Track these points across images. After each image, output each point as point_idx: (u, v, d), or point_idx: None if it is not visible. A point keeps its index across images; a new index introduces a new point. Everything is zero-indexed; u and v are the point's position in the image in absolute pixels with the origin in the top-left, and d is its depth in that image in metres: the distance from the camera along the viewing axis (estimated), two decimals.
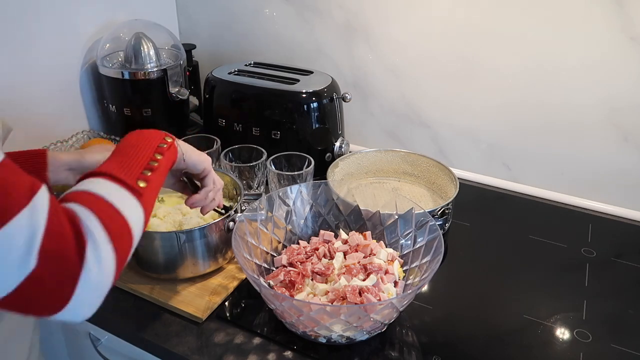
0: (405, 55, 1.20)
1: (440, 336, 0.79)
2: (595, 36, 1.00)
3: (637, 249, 0.99)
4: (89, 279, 0.50)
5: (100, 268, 0.52)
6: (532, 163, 1.16)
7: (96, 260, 0.51)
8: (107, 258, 0.52)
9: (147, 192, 0.60)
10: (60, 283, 0.49)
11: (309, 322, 0.71)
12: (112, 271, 0.54)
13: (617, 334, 0.80)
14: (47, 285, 0.48)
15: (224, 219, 0.84)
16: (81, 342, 0.96)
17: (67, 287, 0.49)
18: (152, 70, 1.17)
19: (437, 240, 0.78)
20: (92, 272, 0.50)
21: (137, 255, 0.85)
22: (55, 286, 0.49)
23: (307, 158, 1.02)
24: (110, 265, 0.53)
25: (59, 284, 0.49)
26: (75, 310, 0.51)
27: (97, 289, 0.52)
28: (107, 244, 0.52)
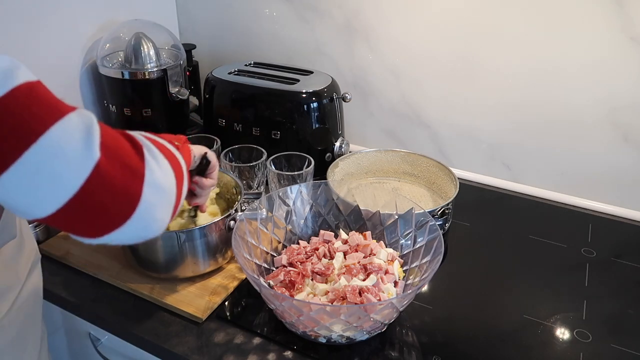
0: (405, 55, 1.20)
1: (440, 336, 0.79)
2: (595, 36, 1.00)
3: (637, 249, 0.99)
4: (153, 175, 0.50)
5: (161, 170, 0.52)
6: (532, 163, 1.16)
7: (156, 163, 0.52)
8: (165, 166, 0.53)
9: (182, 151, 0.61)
10: (127, 178, 0.48)
11: (309, 322, 0.71)
12: (173, 180, 0.54)
13: (617, 334, 0.80)
14: (115, 180, 0.47)
15: (224, 218, 0.84)
16: (81, 342, 0.96)
17: (135, 182, 0.49)
18: (152, 70, 1.17)
19: (437, 240, 0.78)
20: (155, 170, 0.51)
21: (138, 254, 0.86)
22: (123, 182, 0.48)
23: (307, 158, 1.02)
24: (170, 173, 0.53)
25: (127, 178, 0.48)
26: (144, 217, 0.49)
27: (164, 193, 0.52)
28: (162, 157, 0.54)
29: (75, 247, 0.94)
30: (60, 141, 0.45)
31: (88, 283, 0.88)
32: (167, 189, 0.53)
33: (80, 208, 0.47)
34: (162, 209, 0.52)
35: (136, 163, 0.50)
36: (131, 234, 0.50)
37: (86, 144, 0.46)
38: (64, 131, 0.45)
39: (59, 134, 0.45)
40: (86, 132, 0.47)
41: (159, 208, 0.52)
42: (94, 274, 0.89)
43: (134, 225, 0.49)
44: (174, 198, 0.54)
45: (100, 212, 0.48)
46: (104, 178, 0.47)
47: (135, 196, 0.49)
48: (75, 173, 0.45)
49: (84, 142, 0.46)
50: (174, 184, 0.54)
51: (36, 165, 0.44)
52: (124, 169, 0.48)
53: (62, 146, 0.45)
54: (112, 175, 0.47)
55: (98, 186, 0.46)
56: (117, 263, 0.89)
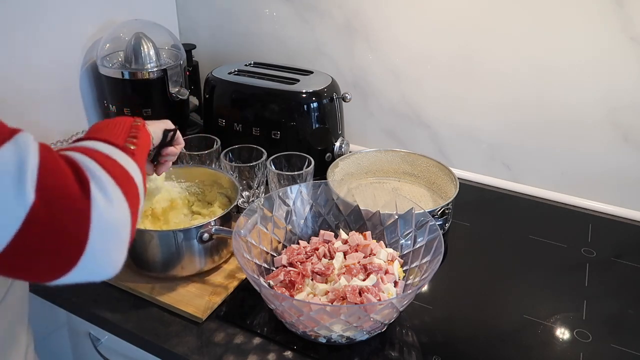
0: (405, 55, 1.20)
1: (440, 336, 0.79)
2: (595, 36, 1.00)
3: (637, 249, 0.99)
4: (101, 216, 0.44)
5: (112, 206, 0.45)
6: (532, 163, 1.16)
7: (105, 197, 0.45)
8: (116, 197, 0.46)
9: (138, 155, 0.56)
10: (68, 225, 0.42)
11: (309, 322, 0.71)
12: (126, 213, 0.47)
13: (617, 334, 0.80)
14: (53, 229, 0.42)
15: (198, 227, 0.83)
16: (81, 342, 0.96)
17: (78, 228, 0.43)
18: (152, 70, 1.17)
19: (437, 240, 0.78)
20: (103, 208, 0.44)
21: (135, 254, 0.85)
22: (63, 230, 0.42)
23: (307, 158, 1.02)
24: (122, 205, 0.47)
25: (67, 226, 0.42)
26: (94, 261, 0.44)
27: (114, 231, 0.46)
28: (113, 184, 0.47)
29: None
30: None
31: (88, 283, 0.88)
32: (119, 226, 0.46)
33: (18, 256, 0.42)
34: (114, 249, 0.46)
35: (80, 204, 0.43)
36: (80, 278, 0.46)
37: (17, 187, 0.40)
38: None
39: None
40: (18, 172, 0.40)
41: (111, 250, 0.46)
42: None
43: (82, 271, 0.45)
44: (128, 232, 0.47)
45: (40, 260, 0.43)
46: (39, 224, 0.41)
47: (81, 242, 0.43)
48: (6, 220, 0.40)
49: (15, 184, 0.40)
50: (127, 216, 0.47)
51: None
52: (64, 212, 0.42)
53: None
54: (50, 221, 0.42)
55: (33, 233, 0.41)
56: None
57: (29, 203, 0.40)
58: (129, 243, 0.48)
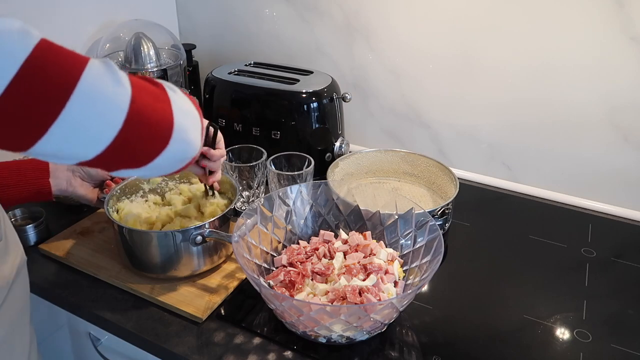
0: (405, 55, 1.20)
1: (440, 336, 0.79)
2: (595, 36, 1.00)
3: (637, 249, 0.99)
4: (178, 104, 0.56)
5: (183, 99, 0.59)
6: (532, 163, 1.16)
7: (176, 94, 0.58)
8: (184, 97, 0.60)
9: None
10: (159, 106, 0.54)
11: (309, 322, 0.71)
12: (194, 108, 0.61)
13: (617, 334, 0.79)
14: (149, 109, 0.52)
15: (195, 229, 0.83)
16: (81, 342, 0.96)
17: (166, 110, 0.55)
18: (152, 70, 1.17)
19: (437, 240, 0.78)
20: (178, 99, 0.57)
21: (134, 255, 0.86)
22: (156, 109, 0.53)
23: (307, 158, 1.02)
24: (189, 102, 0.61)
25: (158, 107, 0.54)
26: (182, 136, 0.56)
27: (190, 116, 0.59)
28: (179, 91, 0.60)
29: (75, 247, 0.94)
30: (94, 84, 0.48)
31: (88, 283, 0.88)
32: (192, 112, 0.58)
33: (125, 141, 0.51)
34: (193, 130, 0.58)
35: (161, 93, 0.55)
36: (171, 158, 0.56)
37: (117, 82, 0.50)
38: (93, 75, 0.48)
39: (91, 79, 0.48)
40: (112, 72, 0.50)
41: (191, 129, 0.57)
42: (94, 274, 0.89)
43: (173, 148, 0.55)
44: (199, 122, 0.59)
45: (142, 141, 0.53)
46: (140, 109, 0.51)
47: (169, 120, 0.54)
48: (116, 110, 0.50)
49: (115, 81, 0.50)
50: (195, 109, 0.60)
51: (80, 110, 0.48)
52: (153, 99, 0.53)
53: (98, 88, 0.49)
54: (145, 105, 0.52)
55: (137, 117, 0.51)
56: (117, 263, 0.89)
57: (130, 92, 0.51)
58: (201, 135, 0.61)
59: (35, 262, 0.90)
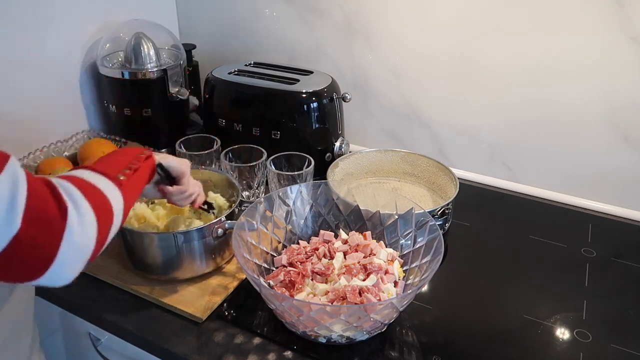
0: (405, 55, 1.20)
1: (440, 336, 0.79)
2: (595, 36, 1.00)
3: (637, 249, 0.99)
4: (72, 239, 0.52)
5: (83, 229, 0.53)
6: (532, 163, 1.16)
7: (79, 221, 0.53)
8: (89, 221, 0.54)
9: (127, 185, 0.63)
10: (44, 243, 0.50)
11: (309, 322, 0.71)
12: (94, 236, 0.55)
13: (617, 334, 0.80)
14: (31, 246, 0.49)
15: (213, 224, 0.83)
16: (81, 342, 0.96)
17: (51, 247, 0.50)
18: (152, 70, 1.17)
19: (437, 240, 0.78)
20: (75, 232, 0.52)
21: (136, 257, 0.85)
22: (39, 247, 0.50)
23: (307, 158, 1.02)
24: (92, 229, 0.54)
25: (43, 244, 0.50)
26: (57, 272, 0.52)
27: (79, 251, 0.54)
28: (88, 208, 0.54)
29: None
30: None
31: (88, 283, 0.88)
32: (84, 248, 0.54)
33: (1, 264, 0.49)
34: (74, 266, 0.54)
35: (56, 226, 0.51)
36: (45, 283, 0.53)
37: (8, 215, 0.47)
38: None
39: None
40: (11, 200, 0.47)
41: (72, 266, 0.53)
42: (94, 274, 0.89)
43: (46, 278, 0.52)
44: (91, 252, 0.55)
45: (13, 271, 0.50)
46: (20, 246, 0.48)
47: (49, 259, 0.50)
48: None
49: (7, 213, 0.47)
50: (94, 238, 0.55)
51: None
52: (42, 235, 0.49)
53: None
54: (29, 242, 0.48)
55: (14, 252, 0.48)
56: (117, 263, 0.89)
57: (16, 229, 0.47)
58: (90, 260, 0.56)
59: None
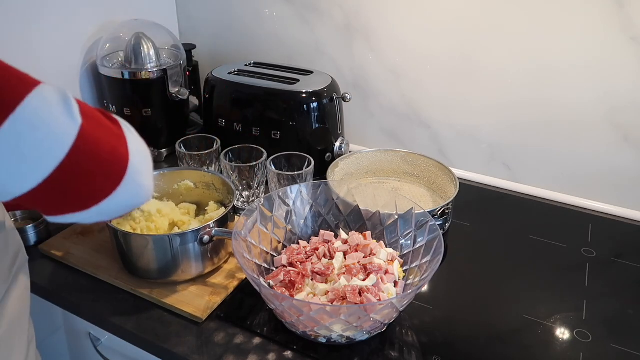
0: (405, 55, 1.20)
1: (440, 336, 0.79)
2: (595, 36, 1.00)
3: (637, 249, 0.99)
4: (134, 141, 0.50)
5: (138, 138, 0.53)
6: (532, 163, 1.16)
7: (133, 135, 0.52)
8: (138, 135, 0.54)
9: None
10: (113, 142, 0.48)
11: (309, 322, 0.71)
12: (148, 151, 0.54)
13: (617, 334, 0.80)
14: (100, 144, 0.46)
15: (199, 230, 0.82)
16: (81, 342, 0.96)
17: (121, 147, 0.48)
18: (152, 70, 1.17)
19: (437, 240, 0.78)
20: (133, 138, 0.51)
21: (132, 261, 0.85)
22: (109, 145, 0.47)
23: (307, 158, 1.02)
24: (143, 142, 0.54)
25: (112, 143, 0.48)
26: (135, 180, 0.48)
27: (145, 157, 0.52)
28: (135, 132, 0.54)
29: (75, 247, 0.94)
30: (38, 110, 0.43)
31: (88, 283, 0.88)
32: (147, 154, 0.53)
33: (65, 178, 0.45)
34: (146, 174, 0.51)
35: (116, 128, 0.49)
36: (120, 202, 0.49)
37: (66, 110, 0.45)
38: (40, 100, 0.44)
39: (36, 103, 0.43)
40: (63, 100, 0.46)
41: (144, 173, 0.51)
42: (94, 274, 0.89)
43: (124, 191, 0.48)
44: (152, 165, 0.54)
45: (86, 181, 0.46)
46: (89, 143, 0.45)
47: (124, 159, 0.48)
48: (59, 140, 0.44)
49: (64, 109, 0.45)
50: (149, 154, 0.54)
51: (16, 137, 0.42)
52: (107, 133, 0.47)
53: (41, 115, 0.44)
54: (97, 139, 0.46)
55: (84, 152, 0.45)
56: (117, 263, 0.89)
57: (79, 123, 0.45)
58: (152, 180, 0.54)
59: (35, 262, 0.90)
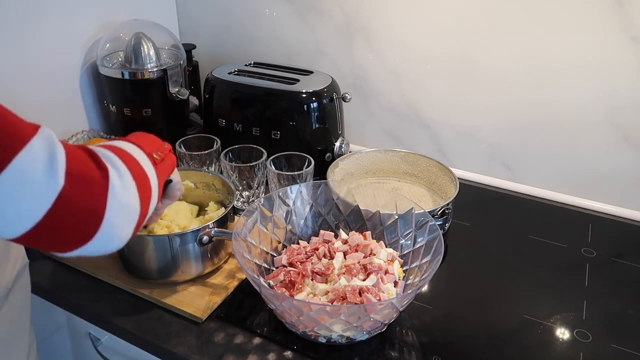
0: (405, 55, 1.20)
1: (440, 336, 0.79)
2: (595, 36, 1.00)
3: (637, 249, 0.99)
4: (117, 198, 0.51)
5: (126, 190, 0.53)
6: (532, 163, 1.16)
7: (121, 183, 0.52)
8: (130, 184, 0.54)
9: (159, 167, 0.62)
10: (90, 202, 0.49)
11: (309, 322, 0.71)
12: (137, 199, 0.54)
13: (617, 334, 0.80)
14: (78, 206, 0.48)
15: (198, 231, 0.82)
16: (81, 342, 0.96)
17: (98, 205, 0.50)
18: (152, 70, 1.17)
19: (437, 240, 0.78)
20: (119, 192, 0.52)
21: (132, 261, 0.85)
22: (86, 206, 0.49)
23: (307, 158, 1.02)
24: (134, 192, 0.54)
25: (89, 203, 0.49)
26: (109, 233, 0.51)
27: (127, 210, 0.53)
28: (129, 176, 0.54)
29: None
30: (24, 171, 0.45)
31: (88, 283, 0.88)
32: (130, 207, 0.54)
33: (46, 231, 0.48)
34: (124, 227, 0.53)
35: (99, 186, 0.50)
36: (93, 250, 0.52)
37: (50, 173, 0.46)
38: (27, 161, 0.45)
39: (23, 165, 0.45)
40: (50, 160, 0.47)
41: (121, 227, 0.53)
42: (94, 274, 0.89)
43: (97, 243, 0.51)
44: (137, 215, 0.55)
45: (64, 233, 0.49)
46: (66, 204, 0.47)
47: (99, 217, 0.50)
48: (39, 202, 0.46)
49: (48, 171, 0.46)
50: (138, 203, 0.55)
51: (2, 194, 0.45)
52: (87, 194, 0.49)
53: (27, 176, 0.45)
54: (74, 201, 0.48)
55: (61, 212, 0.47)
56: (117, 263, 0.89)
57: (60, 186, 0.47)
58: (137, 226, 0.55)
59: (35, 262, 0.90)
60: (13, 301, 0.68)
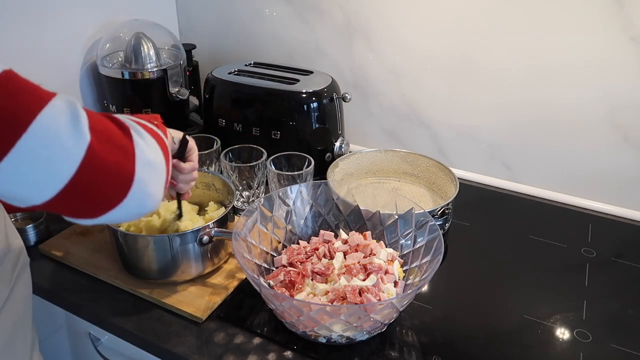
0: (405, 55, 1.20)
1: (440, 336, 0.79)
2: (595, 36, 1.00)
3: (637, 249, 0.99)
4: (143, 153, 0.51)
5: (150, 149, 0.53)
6: (532, 163, 1.16)
7: (143, 141, 0.52)
8: (152, 143, 0.54)
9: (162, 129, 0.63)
10: (120, 160, 0.49)
11: (309, 322, 0.71)
12: (161, 156, 0.55)
13: (617, 334, 0.80)
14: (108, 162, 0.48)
15: (198, 231, 0.82)
16: (81, 342, 0.96)
17: (127, 162, 0.50)
18: (152, 70, 1.17)
19: (437, 240, 0.78)
20: (144, 149, 0.52)
21: (132, 261, 0.85)
22: (116, 163, 0.49)
23: (307, 158, 1.02)
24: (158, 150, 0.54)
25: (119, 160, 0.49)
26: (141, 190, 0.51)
27: (155, 168, 0.53)
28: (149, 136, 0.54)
29: (75, 247, 0.94)
30: (50, 127, 0.45)
31: (88, 283, 0.88)
32: (157, 164, 0.54)
33: (77, 191, 0.47)
34: (154, 184, 0.53)
35: (125, 142, 0.50)
36: (128, 211, 0.51)
37: (76, 128, 0.46)
38: (51, 117, 0.45)
39: (47, 121, 0.45)
40: (73, 116, 0.47)
41: (152, 184, 0.53)
42: (94, 274, 0.89)
43: (130, 203, 0.50)
44: (164, 172, 0.55)
45: (96, 194, 0.49)
46: (97, 160, 0.47)
47: (129, 175, 0.50)
48: (69, 158, 0.46)
49: (73, 126, 0.46)
50: (162, 158, 0.55)
51: (30, 153, 0.45)
52: (115, 149, 0.49)
53: (53, 132, 0.45)
54: (104, 156, 0.48)
55: (92, 168, 0.47)
56: (117, 263, 0.89)
57: (87, 141, 0.47)
58: (165, 185, 0.56)
59: (35, 262, 0.90)
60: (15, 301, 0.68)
